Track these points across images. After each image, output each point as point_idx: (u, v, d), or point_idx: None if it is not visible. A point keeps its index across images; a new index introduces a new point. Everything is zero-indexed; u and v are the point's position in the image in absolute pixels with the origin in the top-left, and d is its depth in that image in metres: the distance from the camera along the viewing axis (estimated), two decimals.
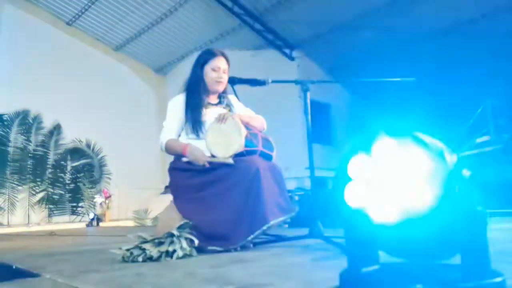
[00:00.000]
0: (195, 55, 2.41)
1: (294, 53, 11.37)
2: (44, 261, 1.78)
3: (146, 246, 1.61)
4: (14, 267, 1.59)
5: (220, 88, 2.28)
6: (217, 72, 2.24)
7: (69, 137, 10.17)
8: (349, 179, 0.61)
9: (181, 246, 1.65)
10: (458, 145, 9.01)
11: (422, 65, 11.55)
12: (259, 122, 2.33)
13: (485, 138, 8.74)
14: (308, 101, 2.04)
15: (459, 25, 9.68)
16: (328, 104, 12.69)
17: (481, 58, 10.75)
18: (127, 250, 1.62)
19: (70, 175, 9.98)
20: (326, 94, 12.10)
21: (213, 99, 2.34)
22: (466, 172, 0.58)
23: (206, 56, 2.28)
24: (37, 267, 1.52)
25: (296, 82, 2.11)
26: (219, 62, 2.25)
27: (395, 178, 0.56)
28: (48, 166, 9.69)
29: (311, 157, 1.98)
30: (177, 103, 2.26)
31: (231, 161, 2.00)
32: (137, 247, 1.62)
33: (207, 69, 2.25)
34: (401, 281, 0.56)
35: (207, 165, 2.05)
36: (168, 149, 2.20)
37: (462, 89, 11.40)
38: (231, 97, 2.42)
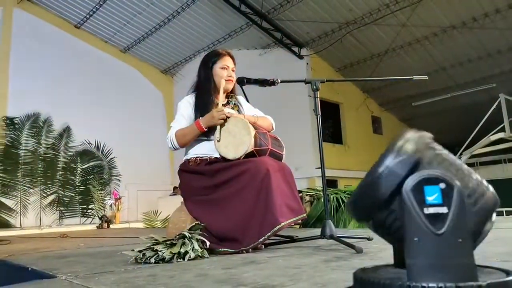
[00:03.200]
0: (203, 55, 2.41)
1: (303, 52, 11.31)
2: (58, 262, 1.80)
3: (158, 247, 1.62)
4: (30, 268, 1.61)
5: (230, 86, 2.29)
6: (227, 70, 2.26)
7: (79, 139, 10.25)
8: None
9: (193, 247, 1.66)
10: (471, 142, 8.87)
11: (435, 62, 11.45)
12: (266, 122, 2.33)
13: (500, 135, 8.60)
14: (318, 100, 2.02)
15: (473, 20, 9.55)
16: (338, 103, 12.63)
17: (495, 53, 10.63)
18: (140, 251, 1.63)
19: (80, 177, 10.07)
20: (336, 93, 12.05)
21: (222, 99, 2.34)
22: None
23: (213, 57, 2.30)
24: (52, 268, 1.54)
25: (305, 81, 2.10)
26: (227, 61, 2.28)
27: None
28: (58, 168, 9.79)
29: (322, 156, 1.97)
30: (187, 104, 2.26)
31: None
32: (149, 248, 1.63)
33: (216, 68, 2.26)
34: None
35: (225, 113, 2.04)
36: (178, 139, 2.15)
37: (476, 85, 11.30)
38: (240, 98, 2.42)
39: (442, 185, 0.53)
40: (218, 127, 2.09)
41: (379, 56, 11.37)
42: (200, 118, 2.11)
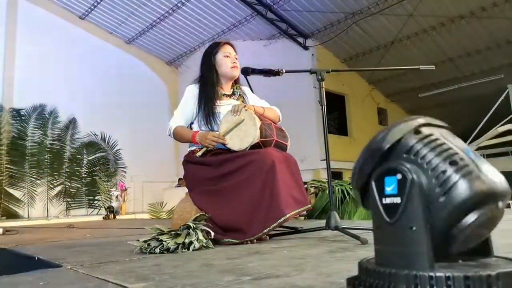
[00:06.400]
0: (207, 46, 2.40)
1: (308, 42, 11.21)
2: (64, 252, 1.81)
3: (163, 238, 1.63)
4: (36, 258, 1.63)
5: (236, 73, 2.29)
6: (230, 57, 2.27)
7: (84, 131, 10.30)
8: None
9: (198, 238, 1.66)
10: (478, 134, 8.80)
11: (442, 52, 11.30)
12: (273, 113, 2.31)
13: (508, 126, 8.52)
14: (323, 91, 2.00)
15: (482, 9, 9.38)
16: (344, 94, 12.54)
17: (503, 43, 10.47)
18: (145, 241, 1.63)
19: (86, 169, 10.13)
20: (341, 84, 11.97)
21: (227, 89, 2.33)
22: None
23: (214, 48, 2.31)
24: (58, 258, 1.55)
25: (310, 71, 2.07)
26: (228, 49, 2.30)
27: None
28: (64, 160, 9.86)
29: (327, 148, 1.95)
30: (191, 94, 2.26)
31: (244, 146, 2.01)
32: (154, 238, 1.64)
33: (219, 57, 2.26)
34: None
35: (222, 140, 2.05)
36: (176, 135, 2.21)
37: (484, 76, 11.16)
38: (245, 88, 2.41)
39: (399, 176, 0.56)
40: (223, 119, 2.10)
41: (385, 46, 11.25)
42: (199, 132, 2.14)
